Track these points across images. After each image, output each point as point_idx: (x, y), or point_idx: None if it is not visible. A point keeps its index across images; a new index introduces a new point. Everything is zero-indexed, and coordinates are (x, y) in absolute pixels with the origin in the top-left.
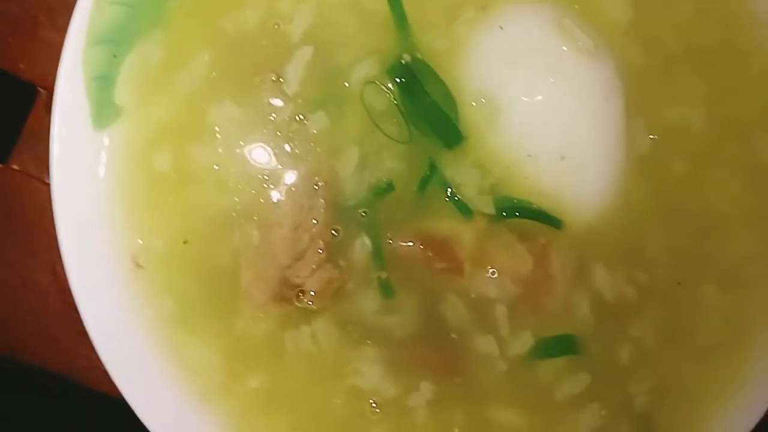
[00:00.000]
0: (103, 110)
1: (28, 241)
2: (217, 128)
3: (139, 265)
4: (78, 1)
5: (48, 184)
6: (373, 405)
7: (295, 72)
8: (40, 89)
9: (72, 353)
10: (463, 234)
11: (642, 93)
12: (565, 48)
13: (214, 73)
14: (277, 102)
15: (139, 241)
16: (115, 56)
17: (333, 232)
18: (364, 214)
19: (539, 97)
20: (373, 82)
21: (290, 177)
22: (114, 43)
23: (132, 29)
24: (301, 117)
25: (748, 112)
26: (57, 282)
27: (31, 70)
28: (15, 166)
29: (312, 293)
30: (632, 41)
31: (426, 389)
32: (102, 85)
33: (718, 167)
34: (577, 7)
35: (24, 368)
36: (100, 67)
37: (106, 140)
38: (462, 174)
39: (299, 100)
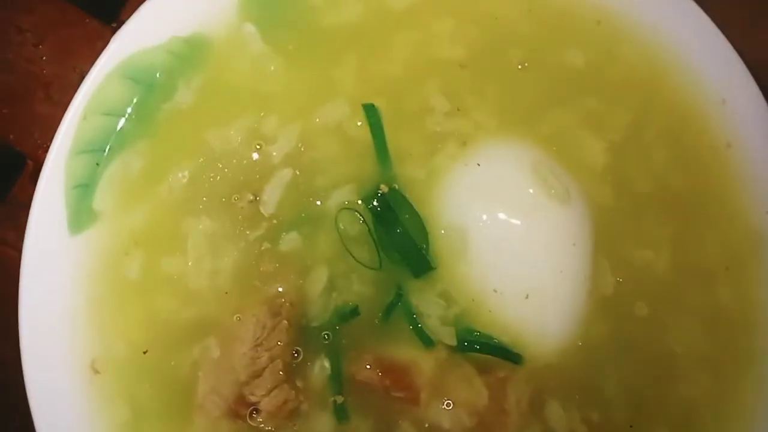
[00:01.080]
0: (81, 216)
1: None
2: (189, 241)
3: (96, 371)
4: (66, 113)
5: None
6: None
7: (272, 193)
8: (28, 160)
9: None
10: (423, 363)
11: (610, 235)
12: (538, 192)
13: (193, 187)
14: (253, 220)
15: (100, 346)
16: (98, 164)
17: (294, 352)
18: (327, 336)
19: (509, 236)
20: (349, 209)
21: (256, 295)
22: (99, 152)
23: (119, 139)
24: (275, 236)
25: (712, 258)
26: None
27: (22, 142)
28: None
29: (266, 413)
30: (605, 184)
31: None
32: (82, 193)
33: (679, 311)
34: (554, 148)
35: None
36: (82, 175)
37: (79, 244)
38: (427, 303)
39: (274, 221)
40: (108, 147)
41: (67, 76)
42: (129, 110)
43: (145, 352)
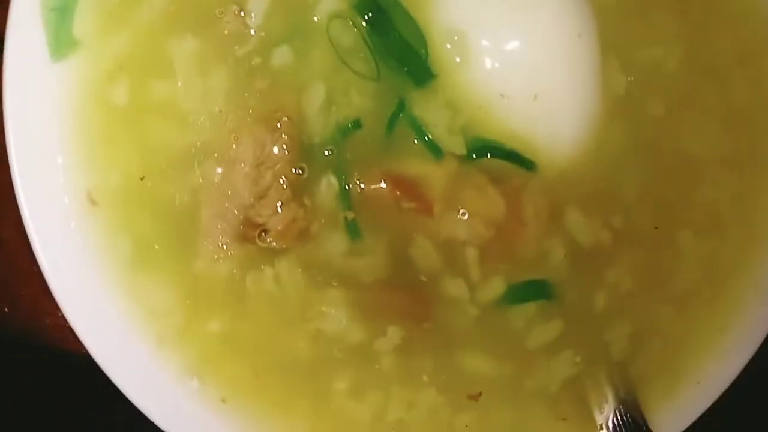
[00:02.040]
0: (61, 42)
1: None
2: (176, 62)
3: (94, 202)
4: None
5: None
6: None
7: (258, 4)
8: None
9: (37, 311)
10: (433, 175)
11: (617, 34)
12: None
13: (173, 5)
14: (240, 35)
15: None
16: None
17: (297, 170)
18: (329, 152)
19: (511, 35)
20: (340, 17)
21: (252, 113)
22: None
23: None
24: (265, 51)
25: (725, 53)
26: (23, 240)
27: None
28: None
29: (275, 232)
30: None
31: (394, 334)
32: (60, 17)
33: (694, 109)
34: None
35: None
36: None
37: (62, 72)
38: (432, 113)
39: (262, 34)
40: None
41: None
42: None
43: (141, 179)
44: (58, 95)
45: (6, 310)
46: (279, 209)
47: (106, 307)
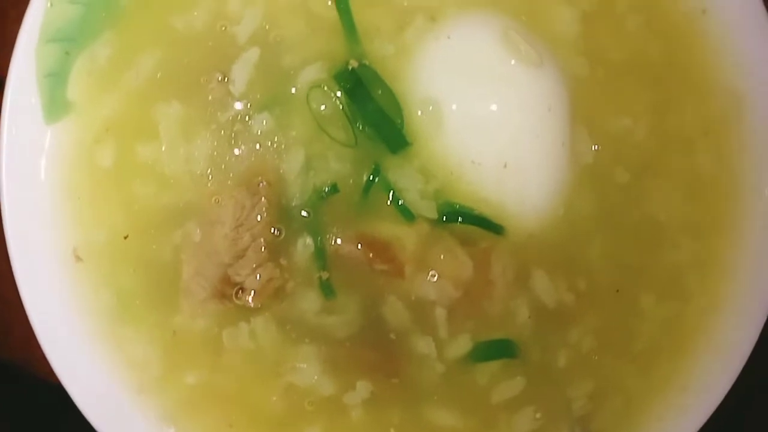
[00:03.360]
0: (55, 106)
1: None
2: (161, 126)
3: (79, 258)
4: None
5: None
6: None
7: (241, 72)
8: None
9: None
10: (405, 237)
11: (587, 104)
12: (510, 59)
13: (160, 72)
14: (223, 102)
15: (80, 233)
16: (67, 53)
17: (275, 231)
18: (307, 214)
19: (484, 106)
20: (320, 86)
21: (233, 176)
22: (68, 41)
23: (86, 27)
24: (247, 117)
25: (691, 124)
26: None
27: None
28: None
29: (252, 291)
30: (579, 54)
31: (363, 388)
32: (54, 82)
33: (659, 177)
34: (524, 18)
35: None
36: (53, 64)
37: (54, 135)
38: (406, 178)
39: (245, 101)
40: (76, 35)
41: None
42: None
43: (125, 238)
44: (49, 156)
45: None
46: (256, 269)
47: (89, 356)
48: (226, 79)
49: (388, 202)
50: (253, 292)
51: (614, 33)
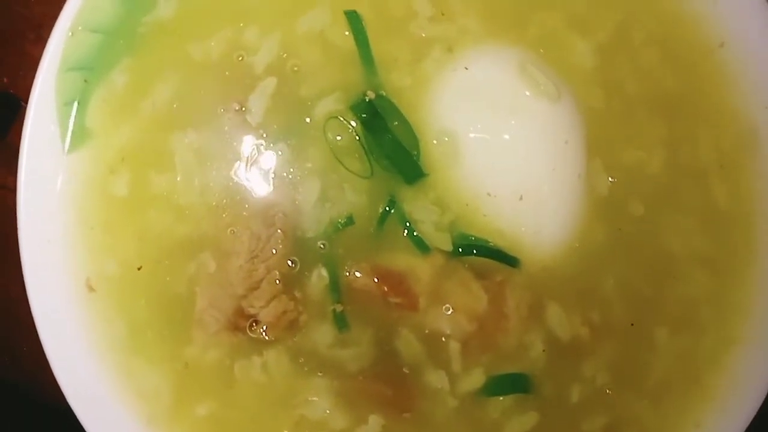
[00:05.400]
0: (74, 134)
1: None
2: (177, 156)
3: (92, 288)
4: (54, 29)
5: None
6: None
7: (258, 102)
8: (23, 103)
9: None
10: (420, 269)
11: (602, 136)
12: (527, 92)
13: (177, 101)
14: (240, 132)
15: (94, 264)
16: (86, 81)
17: (290, 263)
18: (322, 246)
19: (500, 138)
20: (336, 117)
21: (249, 207)
22: (87, 69)
23: (105, 56)
24: (263, 147)
25: (706, 156)
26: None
27: (15, 85)
28: None
29: (266, 324)
30: (595, 86)
31: (375, 422)
32: (73, 110)
33: (674, 209)
34: (542, 51)
35: None
36: (72, 92)
37: (71, 163)
38: (421, 210)
39: (261, 131)
40: (95, 64)
41: (56, 16)
42: (112, 25)
43: (139, 269)
44: (65, 184)
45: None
46: (270, 302)
47: (100, 386)
48: (243, 108)
49: (404, 234)
50: (266, 324)
51: (630, 65)
